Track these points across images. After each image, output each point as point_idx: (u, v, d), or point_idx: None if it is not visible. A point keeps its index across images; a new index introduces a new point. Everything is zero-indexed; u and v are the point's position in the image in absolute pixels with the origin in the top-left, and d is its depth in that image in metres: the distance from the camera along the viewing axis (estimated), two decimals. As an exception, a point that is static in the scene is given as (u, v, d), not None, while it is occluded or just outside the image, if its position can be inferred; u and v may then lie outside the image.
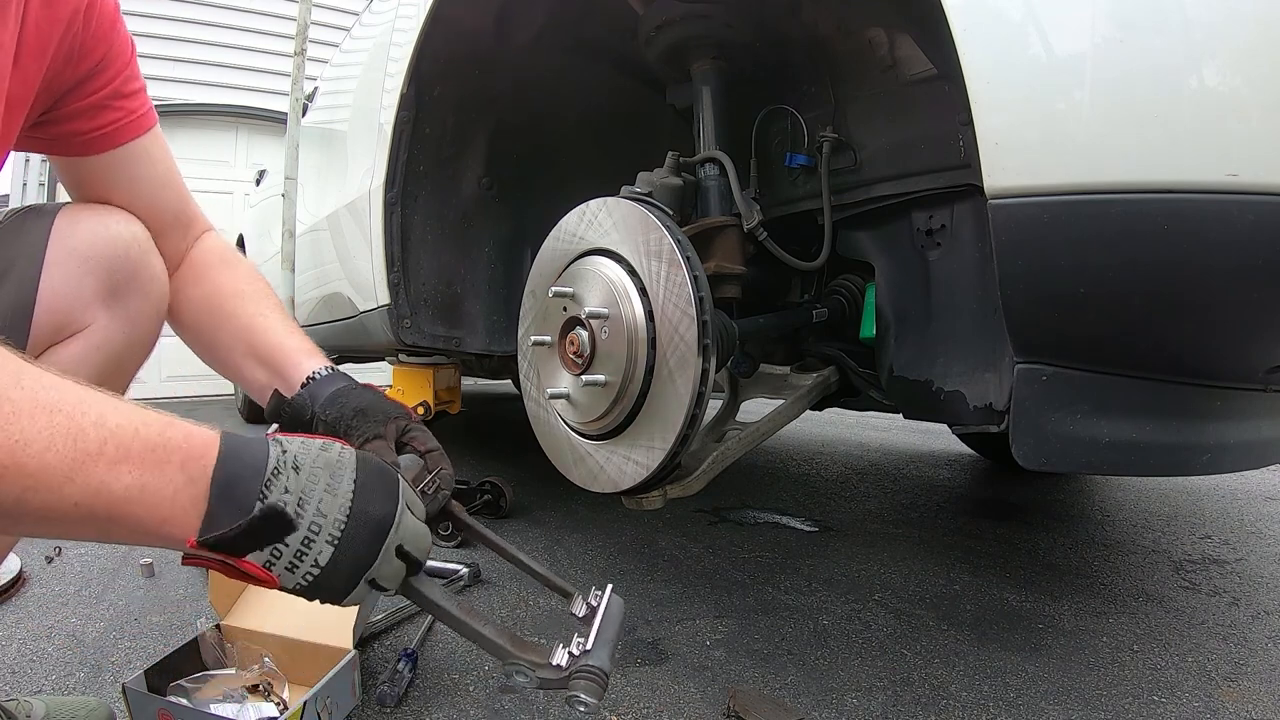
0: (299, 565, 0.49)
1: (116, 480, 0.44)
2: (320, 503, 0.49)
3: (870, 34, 1.07)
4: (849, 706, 1.01)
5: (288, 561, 0.49)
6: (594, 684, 0.58)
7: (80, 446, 0.43)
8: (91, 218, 0.72)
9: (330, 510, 0.50)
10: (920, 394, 1.04)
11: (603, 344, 0.90)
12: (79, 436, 0.43)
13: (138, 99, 0.76)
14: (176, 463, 0.46)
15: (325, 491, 0.50)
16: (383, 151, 1.51)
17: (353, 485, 0.51)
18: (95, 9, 0.69)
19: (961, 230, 1.00)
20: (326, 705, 0.91)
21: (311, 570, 0.50)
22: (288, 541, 0.48)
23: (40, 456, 0.41)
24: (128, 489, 0.44)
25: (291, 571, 0.49)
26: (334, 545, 0.50)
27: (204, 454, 0.47)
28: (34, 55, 0.63)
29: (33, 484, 0.41)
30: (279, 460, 0.49)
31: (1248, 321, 0.72)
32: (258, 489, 0.48)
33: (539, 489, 2.14)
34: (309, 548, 0.49)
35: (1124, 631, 1.26)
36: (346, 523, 0.50)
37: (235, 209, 5.30)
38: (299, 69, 2.79)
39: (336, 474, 0.51)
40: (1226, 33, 0.62)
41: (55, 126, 0.71)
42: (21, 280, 0.67)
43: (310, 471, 0.50)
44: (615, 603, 0.67)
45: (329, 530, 0.50)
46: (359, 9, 2.32)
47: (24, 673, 1.08)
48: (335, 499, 0.50)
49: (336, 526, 0.50)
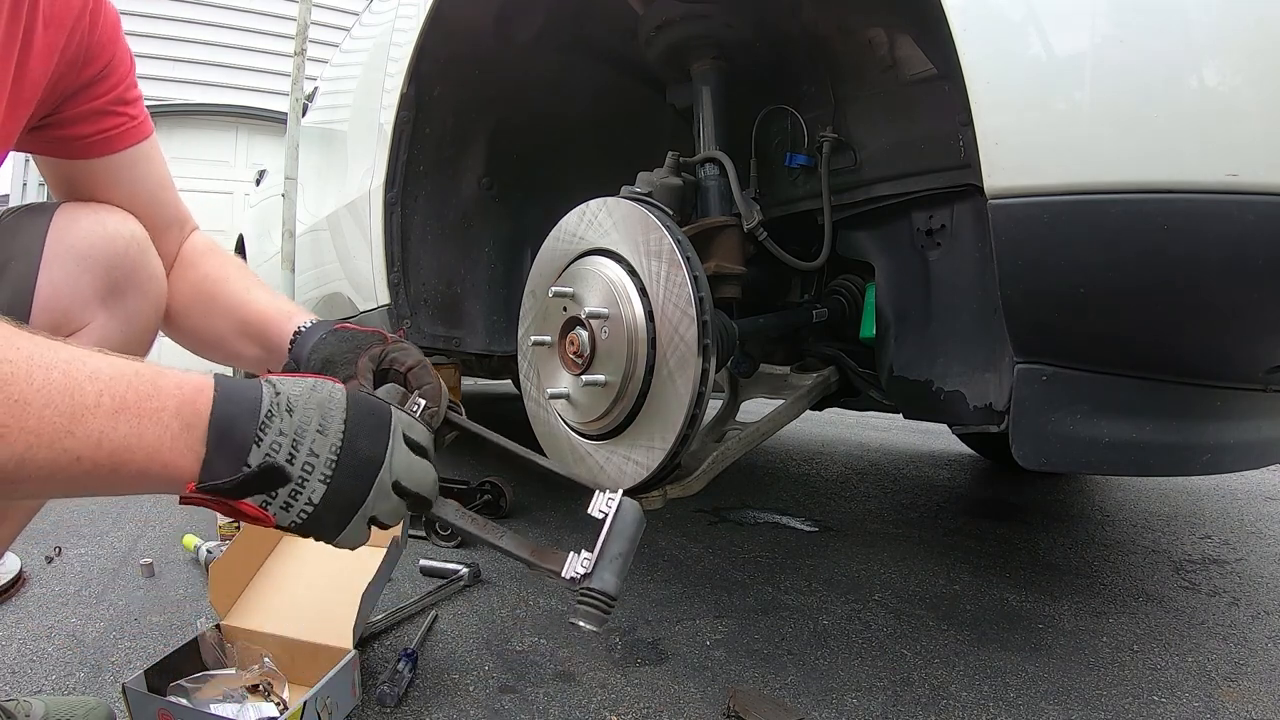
0: (293, 504, 0.51)
1: (114, 430, 0.45)
2: (313, 443, 0.51)
3: (870, 34, 1.07)
4: (849, 706, 1.01)
5: (283, 501, 0.51)
6: (592, 610, 0.57)
7: (78, 400, 0.44)
8: (90, 216, 0.72)
9: (322, 450, 0.51)
10: (920, 394, 1.04)
11: (603, 344, 0.90)
12: (75, 391, 0.44)
13: (137, 106, 0.77)
14: (172, 408, 0.47)
15: (317, 432, 0.51)
16: (383, 151, 1.51)
17: (343, 425, 0.53)
18: (100, 14, 0.70)
19: (961, 230, 1.00)
20: (326, 705, 0.91)
21: (305, 509, 0.51)
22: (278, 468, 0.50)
23: (40, 413, 0.43)
24: (126, 437, 0.45)
25: (286, 510, 0.51)
26: (326, 484, 0.51)
27: (197, 399, 0.49)
28: (40, 57, 0.64)
29: (35, 440, 0.43)
30: (272, 402, 0.51)
31: (1248, 321, 0.72)
32: (253, 432, 0.49)
33: (539, 489, 2.14)
34: (303, 487, 0.51)
35: (1124, 631, 1.26)
36: (338, 461, 0.52)
37: (235, 209, 5.30)
38: (299, 69, 2.80)
39: (328, 414, 0.52)
40: (1226, 33, 0.62)
41: (57, 129, 0.72)
42: (18, 279, 0.67)
43: (303, 412, 0.51)
44: (626, 511, 0.62)
45: (321, 470, 0.51)
46: (359, 9, 2.32)
47: (24, 673, 1.08)
48: (326, 439, 0.52)
49: (328, 465, 0.51)
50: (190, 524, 1.82)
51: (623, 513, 0.62)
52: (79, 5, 0.67)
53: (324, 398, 0.53)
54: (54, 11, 0.64)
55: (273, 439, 0.49)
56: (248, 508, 0.50)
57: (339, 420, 0.53)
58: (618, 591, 0.57)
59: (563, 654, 1.16)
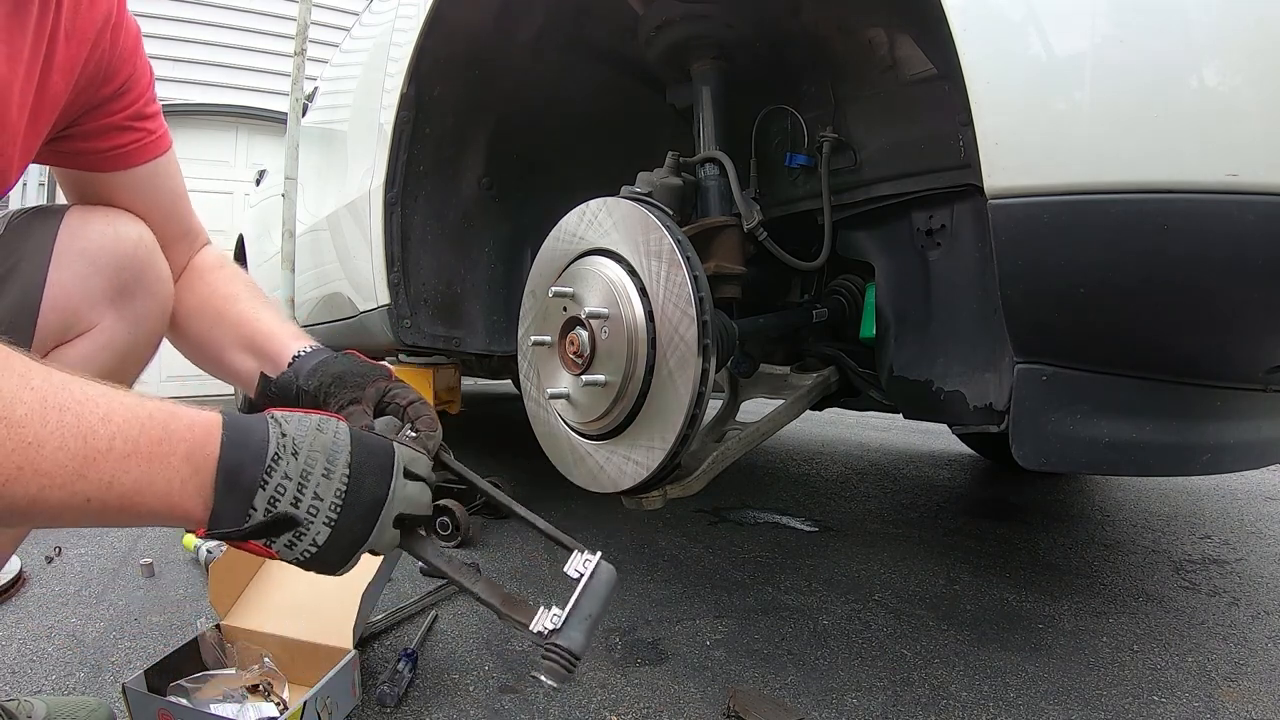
0: (297, 544, 0.52)
1: (125, 474, 0.46)
2: (317, 486, 0.52)
3: (870, 34, 1.07)
4: (849, 706, 1.01)
5: (287, 540, 0.52)
6: (557, 667, 0.57)
7: (90, 444, 0.44)
8: (100, 219, 0.73)
9: (326, 495, 0.52)
10: (920, 394, 1.04)
11: (603, 344, 0.90)
12: (88, 435, 0.44)
13: (156, 120, 0.78)
14: (182, 453, 0.48)
15: (322, 476, 0.52)
16: (383, 151, 1.51)
17: (347, 469, 0.54)
18: (121, 30, 0.71)
19: (961, 230, 1.00)
20: (326, 705, 0.91)
21: (309, 549, 0.53)
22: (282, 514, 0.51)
23: (53, 456, 0.43)
24: (136, 481, 0.46)
25: (290, 549, 0.52)
26: (330, 526, 0.53)
27: (206, 442, 0.49)
28: (61, 71, 0.64)
29: (48, 482, 0.43)
30: (279, 445, 0.51)
31: (1248, 321, 0.72)
32: (259, 476, 0.50)
33: (539, 489, 2.14)
34: (307, 530, 0.52)
35: (1124, 631, 1.26)
36: (343, 505, 0.53)
37: (235, 209, 5.30)
38: (299, 69, 2.79)
39: (333, 456, 0.53)
40: (1226, 33, 0.62)
41: (75, 142, 0.73)
42: (27, 280, 0.68)
43: (308, 454, 0.52)
44: (602, 573, 0.63)
45: (325, 513, 0.52)
46: (359, 9, 2.32)
47: (24, 673, 1.08)
48: (331, 482, 0.53)
49: (333, 509, 0.53)
50: (190, 524, 1.82)
51: (598, 574, 0.63)
52: (100, 20, 0.68)
53: (329, 440, 0.54)
54: (76, 26, 0.65)
55: (278, 482, 0.51)
56: (254, 547, 0.51)
57: (343, 464, 0.54)
58: (583, 651, 0.58)
59: (563, 654, 1.16)
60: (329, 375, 0.72)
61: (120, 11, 0.71)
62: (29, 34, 0.59)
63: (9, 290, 0.67)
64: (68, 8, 0.64)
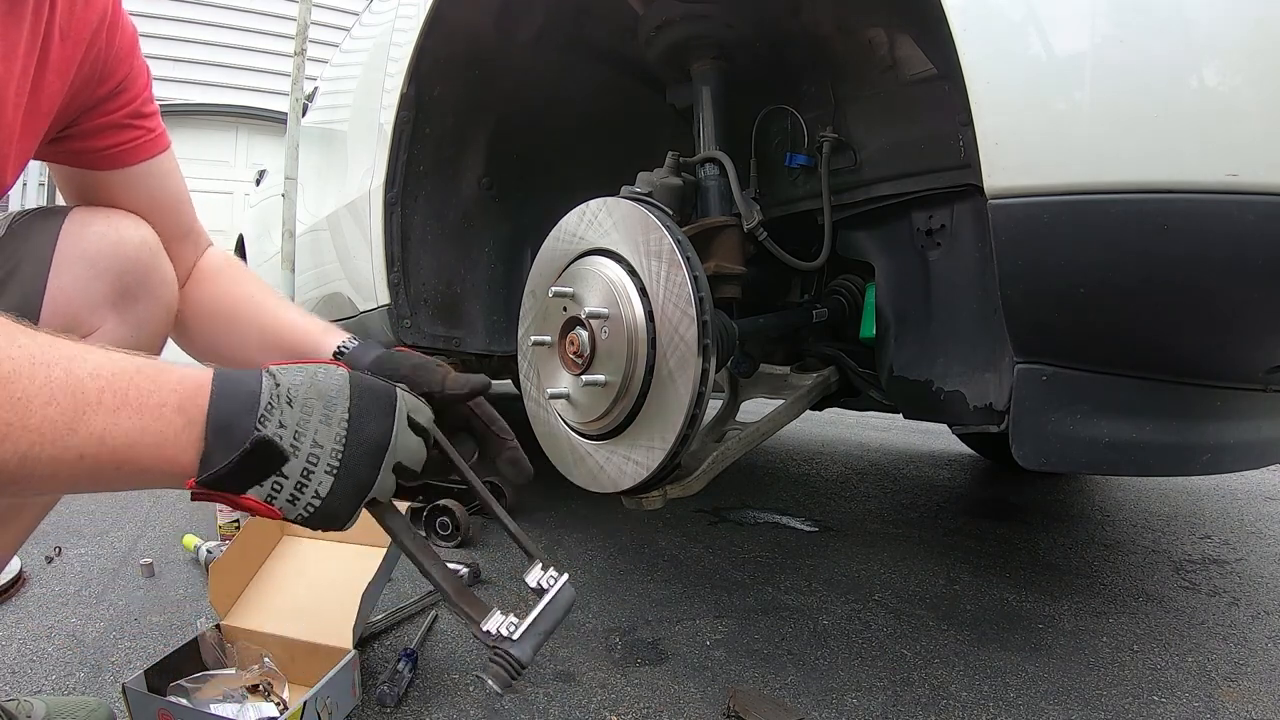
0: (300, 497, 0.50)
1: (117, 426, 0.45)
2: (316, 433, 0.50)
3: (870, 34, 1.07)
4: (849, 706, 1.01)
5: (289, 494, 0.49)
6: (503, 673, 0.57)
7: (79, 398, 0.44)
8: (102, 221, 0.72)
9: (326, 440, 0.50)
10: (920, 394, 1.04)
11: (603, 344, 0.90)
12: (77, 389, 0.44)
13: (154, 120, 0.78)
14: (173, 404, 0.47)
15: (320, 422, 0.50)
16: (383, 151, 1.51)
17: (347, 412, 0.51)
18: (117, 30, 0.71)
19: (961, 230, 1.00)
20: (326, 705, 0.91)
21: (313, 501, 0.50)
22: (286, 474, 0.49)
23: (42, 411, 0.42)
24: (129, 434, 0.45)
25: (293, 504, 0.50)
26: (333, 475, 0.50)
27: (198, 393, 0.48)
28: (57, 70, 0.64)
29: (38, 439, 0.42)
30: (272, 394, 0.49)
31: (1248, 321, 0.72)
32: (252, 424, 0.48)
33: (539, 489, 2.13)
34: (309, 479, 0.50)
35: (1124, 631, 1.26)
36: (344, 451, 0.51)
37: (235, 209, 5.30)
38: (299, 69, 2.80)
39: (330, 402, 0.51)
40: (1226, 33, 0.62)
41: (74, 141, 0.72)
42: (27, 282, 0.67)
43: (304, 402, 0.50)
44: (565, 594, 0.63)
45: (327, 460, 0.50)
46: (359, 9, 2.32)
47: (24, 673, 1.08)
48: (330, 428, 0.50)
49: (334, 456, 0.50)
50: (190, 524, 1.82)
51: (561, 594, 0.63)
52: (96, 20, 0.67)
53: (326, 386, 0.52)
54: (71, 26, 0.65)
55: (273, 430, 0.48)
56: (252, 503, 0.49)
57: (343, 409, 0.51)
58: (529, 664, 0.58)
59: (563, 654, 1.16)
60: (407, 365, 0.70)
61: (116, 11, 0.71)
62: (24, 33, 0.59)
63: (9, 293, 0.67)
64: (62, 8, 0.63)
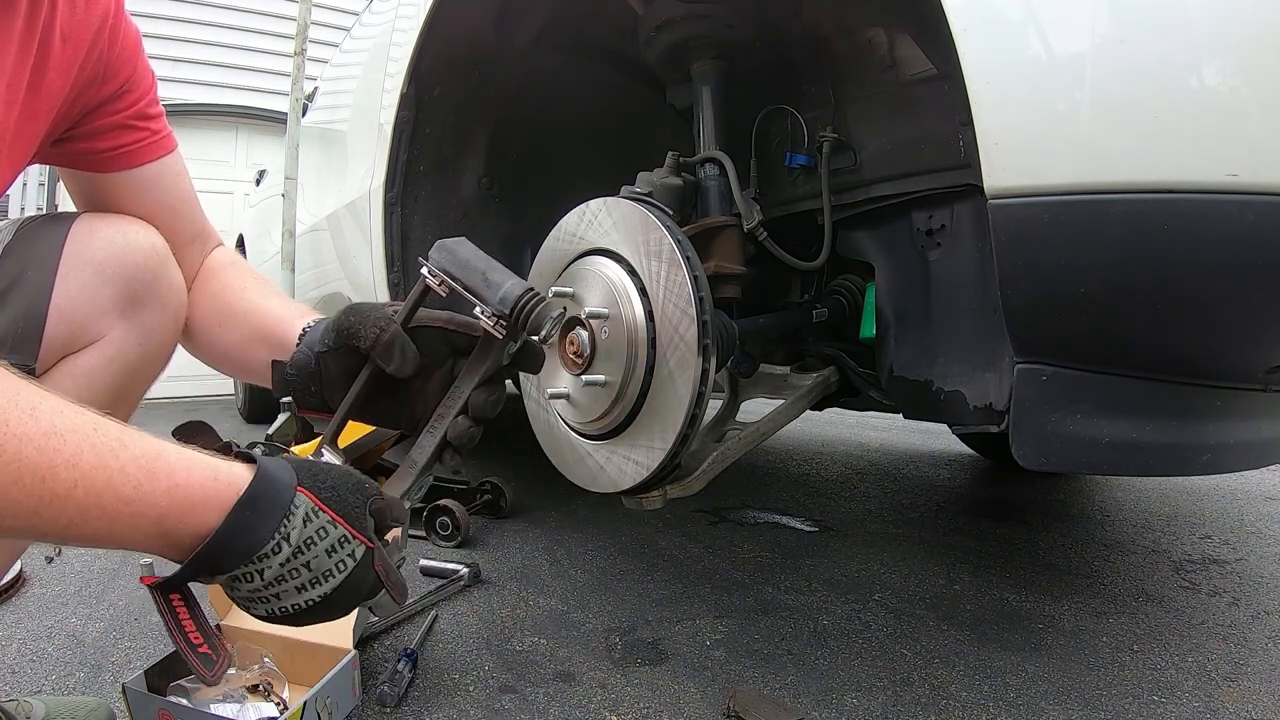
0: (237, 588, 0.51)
1: (85, 524, 0.44)
2: (283, 591, 0.50)
3: (870, 34, 1.07)
4: (849, 706, 1.01)
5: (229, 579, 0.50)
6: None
7: (49, 486, 0.42)
8: (109, 227, 0.72)
9: (287, 599, 0.51)
10: (920, 394, 1.04)
11: (603, 344, 0.90)
12: (48, 476, 0.42)
13: (159, 121, 0.77)
14: (153, 517, 0.46)
15: (294, 588, 0.50)
16: (383, 151, 1.51)
17: (322, 597, 0.51)
18: (119, 31, 0.71)
19: (961, 230, 1.00)
20: (326, 705, 0.91)
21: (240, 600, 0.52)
22: (238, 592, 0.50)
23: (5, 490, 0.41)
24: (96, 533, 0.44)
25: (232, 589, 0.51)
26: (280, 614, 0.52)
27: (188, 515, 0.47)
28: (58, 71, 0.64)
29: (2, 510, 0.41)
30: (272, 549, 0.49)
31: (1248, 321, 0.72)
32: (233, 566, 0.48)
33: (539, 489, 2.14)
34: (257, 605, 0.51)
35: (1124, 631, 1.26)
36: (300, 613, 0.51)
37: (235, 209, 5.30)
38: (299, 69, 2.80)
39: (318, 580, 0.51)
40: (1226, 33, 0.62)
41: (79, 143, 0.72)
42: (34, 289, 0.67)
43: (295, 568, 0.50)
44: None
45: (281, 606, 0.51)
46: (359, 9, 2.32)
47: (24, 673, 1.08)
48: (302, 595, 0.51)
49: (292, 609, 0.51)
50: (190, 524, 1.82)
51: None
52: (97, 21, 0.67)
53: (331, 566, 0.51)
54: (72, 28, 0.64)
55: (250, 569, 0.49)
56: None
57: (325, 590, 0.51)
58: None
59: (563, 654, 1.16)
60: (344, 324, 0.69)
61: (118, 14, 0.71)
62: (16, 33, 0.58)
63: (15, 299, 0.66)
64: (63, 10, 0.63)
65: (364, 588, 0.54)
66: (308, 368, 0.71)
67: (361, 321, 0.68)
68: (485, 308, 0.63)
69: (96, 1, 0.67)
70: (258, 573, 0.49)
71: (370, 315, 0.69)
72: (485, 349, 0.67)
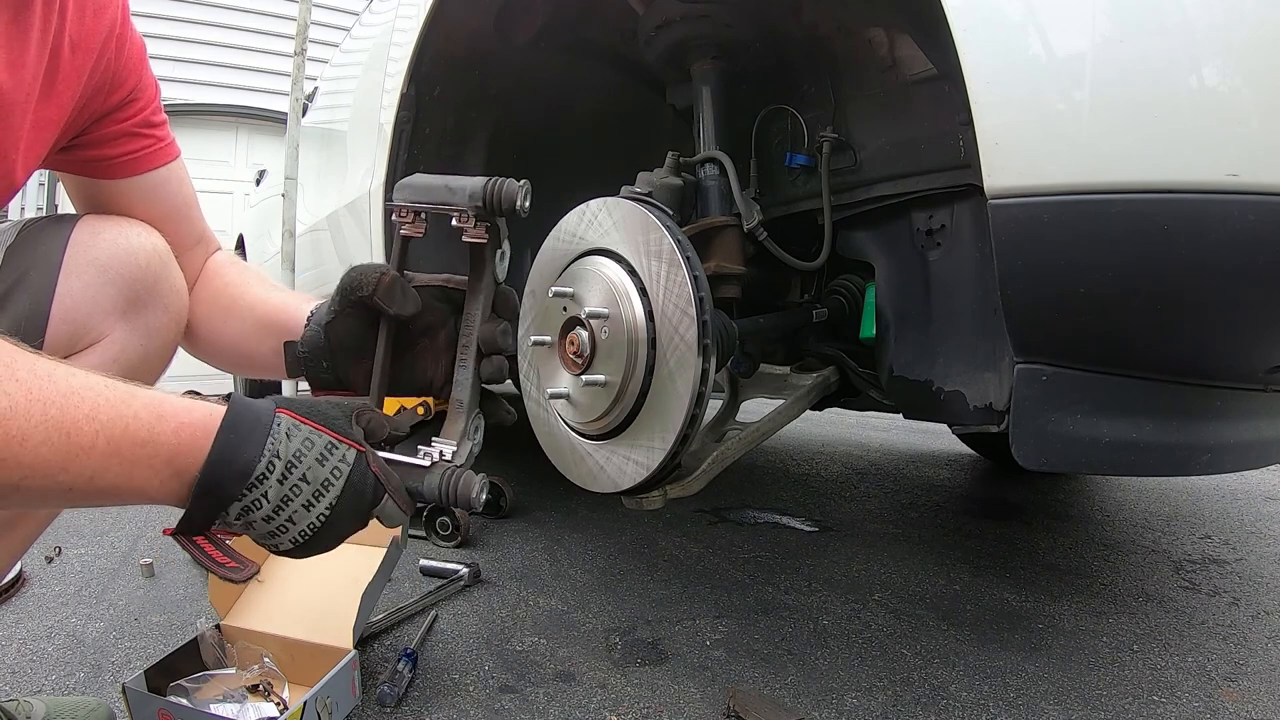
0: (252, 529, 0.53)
1: (107, 471, 0.47)
2: (294, 513, 0.53)
3: (870, 34, 1.06)
4: (849, 706, 1.01)
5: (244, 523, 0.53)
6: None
7: (74, 441, 0.45)
8: (112, 229, 0.72)
9: (301, 521, 0.53)
10: (920, 394, 1.04)
11: (603, 344, 0.90)
12: (73, 431, 0.45)
13: (164, 129, 0.79)
14: (165, 456, 0.49)
15: (303, 506, 0.53)
16: (383, 151, 1.50)
17: (329, 509, 0.54)
18: (126, 41, 0.72)
19: (961, 230, 1.00)
20: (326, 705, 0.91)
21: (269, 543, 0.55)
22: (253, 528, 0.52)
23: (36, 450, 0.44)
24: (117, 479, 0.47)
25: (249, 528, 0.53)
26: (294, 544, 0.54)
27: (195, 445, 0.50)
28: (67, 79, 0.65)
29: (29, 474, 0.44)
30: (267, 465, 0.51)
31: (1248, 321, 0.72)
32: (238, 493, 0.51)
33: (539, 489, 2.14)
34: (271, 539, 0.54)
35: (1124, 631, 1.26)
36: (312, 536, 0.54)
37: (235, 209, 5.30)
38: (299, 69, 2.79)
39: (320, 493, 0.53)
40: (1226, 33, 0.62)
41: (87, 150, 0.73)
42: (36, 289, 0.67)
43: (295, 483, 0.52)
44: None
45: (294, 535, 0.53)
46: (359, 9, 2.32)
47: (24, 673, 1.08)
48: (310, 514, 0.53)
49: (302, 535, 0.54)
50: (190, 524, 1.82)
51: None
52: (105, 31, 0.68)
53: (324, 475, 0.53)
54: (81, 37, 0.65)
55: (254, 497, 0.51)
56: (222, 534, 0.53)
57: (328, 502, 0.53)
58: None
59: (563, 654, 1.16)
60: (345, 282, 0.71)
61: (124, 23, 0.72)
62: (32, 41, 0.59)
63: (18, 299, 0.67)
64: (72, 19, 0.64)
65: (366, 491, 0.56)
66: (319, 342, 0.72)
67: (362, 273, 0.71)
68: (459, 211, 0.66)
69: (104, 11, 0.68)
70: (262, 497, 0.51)
71: (369, 268, 0.72)
72: (479, 265, 0.70)
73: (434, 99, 1.46)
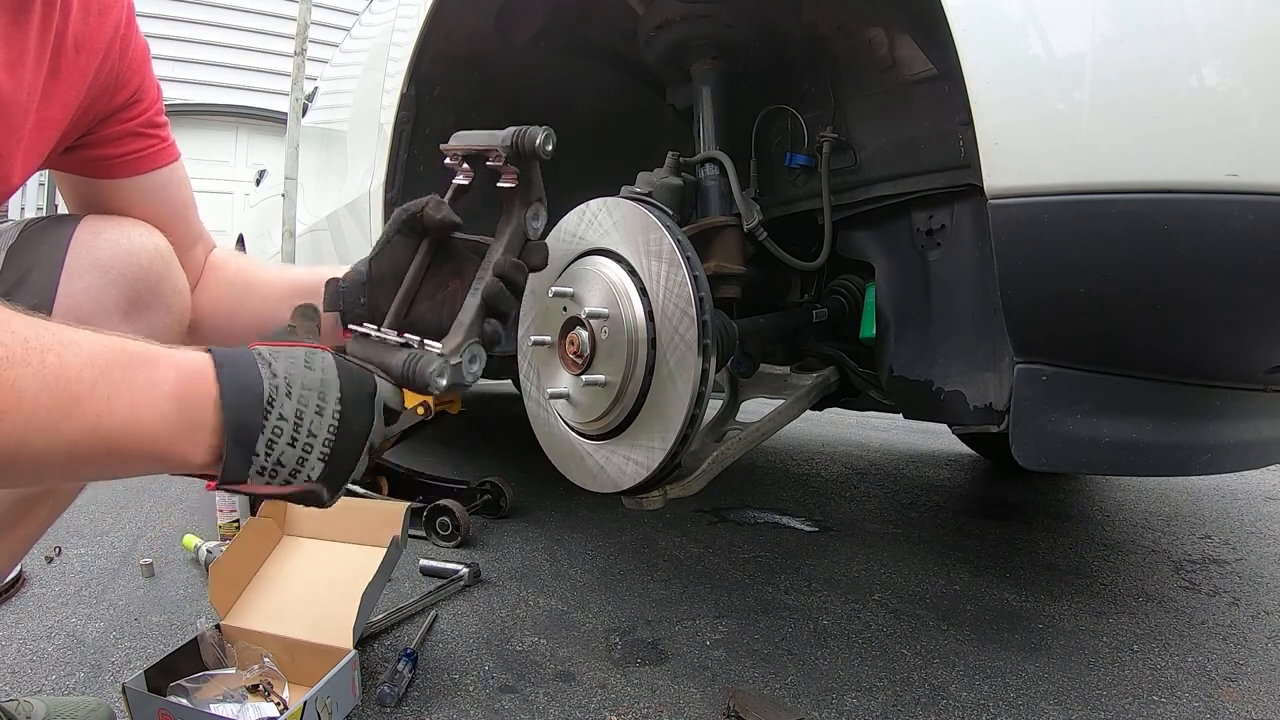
0: (293, 481, 0.55)
1: (110, 415, 0.46)
2: (311, 424, 0.54)
3: (870, 34, 1.07)
4: (849, 706, 1.01)
5: (284, 479, 0.54)
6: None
7: (73, 387, 0.45)
8: (114, 229, 0.73)
9: (320, 431, 0.55)
10: (920, 394, 1.04)
11: (603, 344, 0.90)
12: (71, 378, 0.45)
13: (165, 129, 0.80)
14: (167, 390, 0.49)
15: (315, 413, 0.55)
16: (383, 151, 1.51)
17: (338, 404, 0.56)
18: (130, 42, 0.72)
19: (961, 230, 1.00)
20: (326, 705, 0.91)
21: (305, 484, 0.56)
22: (283, 462, 0.54)
23: (35, 399, 0.43)
24: (123, 422, 0.47)
25: (288, 485, 0.55)
26: (324, 462, 0.56)
27: (195, 382, 0.50)
28: (70, 80, 0.65)
29: (30, 427, 0.43)
30: (272, 386, 0.53)
31: (1248, 321, 0.72)
32: (258, 421, 0.52)
33: (539, 489, 2.14)
34: (303, 466, 0.54)
35: (1124, 631, 1.26)
36: (335, 440, 0.56)
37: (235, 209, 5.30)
38: (299, 69, 2.79)
39: (324, 394, 0.55)
40: (1226, 33, 0.62)
41: (90, 150, 0.73)
42: (38, 290, 0.67)
43: (301, 393, 0.54)
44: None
45: (320, 449, 0.55)
46: (359, 9, 2.32)
47: (24, 673, 1.08)
48: (324, 419, 0.55)
49: (326, 445, 0.55)
50: (190, 524, 1.82)
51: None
52: (110, 31, 0.68)
53: (319, 378, 0.55)
54: (86, 36, 0.65)
55: (274, 424, 0.52)
56: (252, 488, 0.53)
57: (334, 400, 0.56)
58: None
59: (563, 654, 1.16)
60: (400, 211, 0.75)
61: (129, 25, 0.72)
62: (31, 41, 0.59)
63: (21, 299, 0.66)
64: (75, 18, 0.64)
65: (358, 377, 0.59)
66: (360, 277, 0.75)
67: (416, 200, 0.76)
68: (494, 150, 0.74)
69: (109, 12, 0.68)
70: (281, 419, 0.52)
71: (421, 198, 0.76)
72: (509, 210, 0.77)
73: (434, 99, 1.46)
